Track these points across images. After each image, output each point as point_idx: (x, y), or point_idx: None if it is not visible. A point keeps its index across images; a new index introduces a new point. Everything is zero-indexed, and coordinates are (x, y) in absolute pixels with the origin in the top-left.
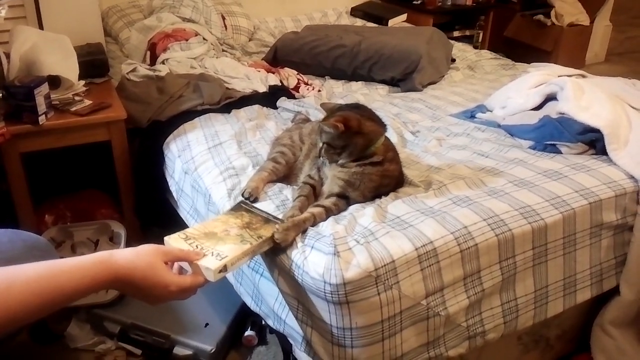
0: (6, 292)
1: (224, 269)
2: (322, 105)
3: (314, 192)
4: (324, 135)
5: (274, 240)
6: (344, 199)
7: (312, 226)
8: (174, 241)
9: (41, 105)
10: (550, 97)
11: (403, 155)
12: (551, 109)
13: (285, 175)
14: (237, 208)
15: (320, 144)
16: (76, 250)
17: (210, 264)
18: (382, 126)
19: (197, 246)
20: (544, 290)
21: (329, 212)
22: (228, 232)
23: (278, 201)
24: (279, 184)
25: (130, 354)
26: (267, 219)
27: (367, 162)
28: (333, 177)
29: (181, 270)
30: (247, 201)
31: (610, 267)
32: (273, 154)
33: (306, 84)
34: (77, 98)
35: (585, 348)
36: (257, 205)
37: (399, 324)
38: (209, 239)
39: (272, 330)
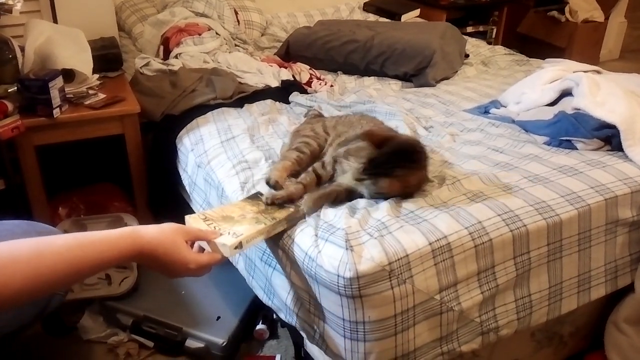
0: (37, 258)
1: (240, 245)
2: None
3: (318, 182)
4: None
5: (302, 211)
6: None
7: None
8: (193, 220)
9: (55, 98)
10: (566, 93)
11: None
12: (566, 105)
13: (307, 167)
14: (253, 197)
15: (360, 167)
16: None
17: (226, 240)
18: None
19: (215, 227)
20: (558, 286)
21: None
22: (244, 216)
23: None
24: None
25: (143, 346)
26: (282, 205)
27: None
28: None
29: (201, 249)
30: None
31: (625, 264)
32: (296, 144)
33: (318, 78)
34: (91, 92)
35: (599, 345)
36: None
37: (412, 319)
38: (226, 221)
39: (284, 324)
